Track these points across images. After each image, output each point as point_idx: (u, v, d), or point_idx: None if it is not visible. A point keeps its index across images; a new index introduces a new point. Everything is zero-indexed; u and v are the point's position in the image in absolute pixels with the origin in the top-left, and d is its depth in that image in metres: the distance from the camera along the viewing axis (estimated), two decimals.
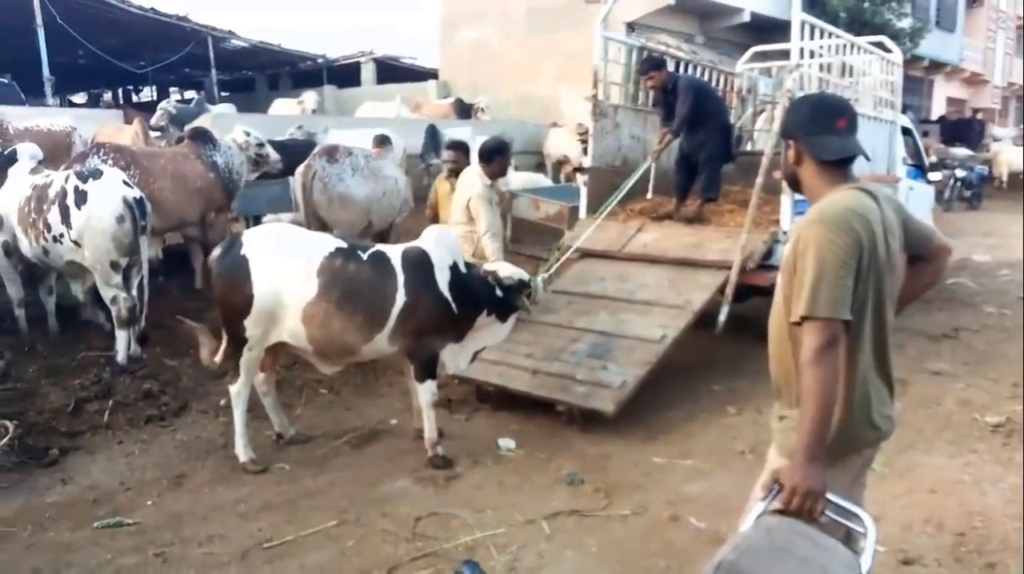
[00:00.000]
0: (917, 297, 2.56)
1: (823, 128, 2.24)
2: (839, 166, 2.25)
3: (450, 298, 4.47)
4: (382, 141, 8.41)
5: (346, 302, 4.29)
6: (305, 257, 4.32)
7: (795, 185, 2.39)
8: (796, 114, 2.36)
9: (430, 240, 4.64)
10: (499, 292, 4.63)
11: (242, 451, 4.53)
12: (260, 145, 7.65)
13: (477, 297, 4.59)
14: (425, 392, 4.56)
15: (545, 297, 5.25)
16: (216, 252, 4.47)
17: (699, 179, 6.75)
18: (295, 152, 8.49)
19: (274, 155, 7.75)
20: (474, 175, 5.80)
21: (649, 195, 7.17)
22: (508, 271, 4.70)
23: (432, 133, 12.21)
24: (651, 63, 6.85)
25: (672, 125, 6.66)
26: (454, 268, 4.55)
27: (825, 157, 2.23)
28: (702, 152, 6.66)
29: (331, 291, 4.27)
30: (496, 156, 5.73)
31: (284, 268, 4.29)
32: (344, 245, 4.47)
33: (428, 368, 4.55)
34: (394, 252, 4.54)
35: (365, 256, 4.42)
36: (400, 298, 4.37)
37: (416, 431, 4.84)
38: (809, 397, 2.04)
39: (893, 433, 2.33)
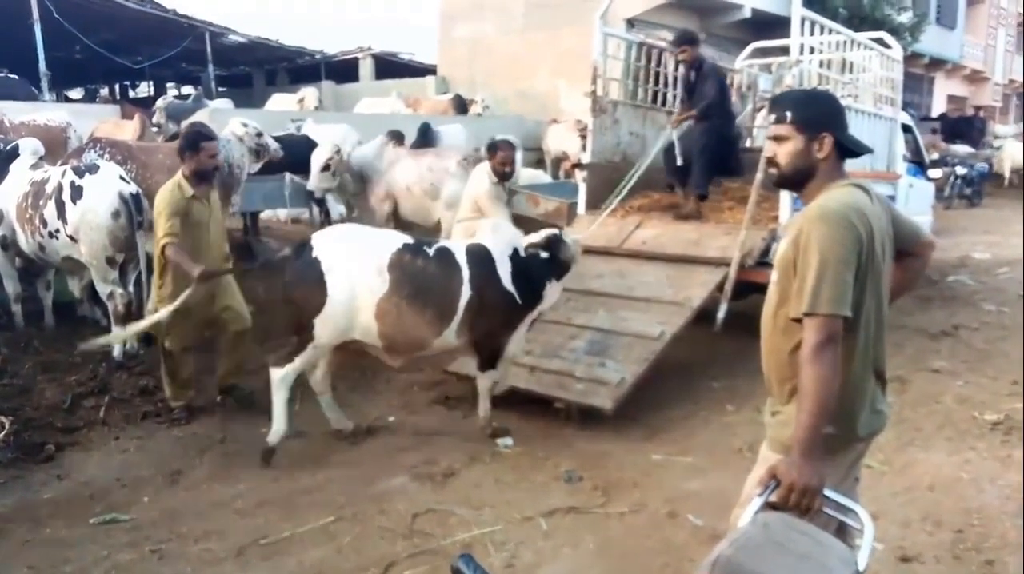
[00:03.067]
0: (905, 292, 2.59)
1: (846, 124, 2.30)
2: (843, 161, 2.29)
3: (514, 290, 4.62)
4: (400, 137, 8.37)
5: (417, 297, 4.39)
6: (375, 254, 4.42)
7: (798, 181, 2.30)
8: (825, 108, 2.31)
9: (488, 234, 4.80)
10: (545, 255, 4.77)
11: (277, 435, 4.54)
12: (259, 135, 7.63)
13: (537, 277, 4.75)
14: (487, 379, 4.81)
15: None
16: (286, 255, 4.56)
17: (691, 174, 6.78)
18: (294, 148, 8.46)
19: (273, 144, 7.73)
20: (482, 173, 5.95)
21: (679, 162, 7.00)
22: (539, 236, 4.86)
23: (424, 131, 11.95)
24: (686, 37, 7.02)
25: (695, 106, 6.69)
26: (514, 257, 4.71)
27: (861, 151, 2.31)
28: (696, 145, 6.66)
29: (402, 287, 4.37)
30: (491, 151, 5.92)
31: (356, 266, 4.37)
32: (411, 241, 4.60)
33: (492, 360, 4.76)
34: (458, 247, 4.67)
35: (431, 252, 4.54)
36: (466, 292, 4.49)
37: None
38: (807, 393, 2.05)
39: (885, 428, 2.35)
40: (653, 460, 4.59)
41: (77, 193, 5.49)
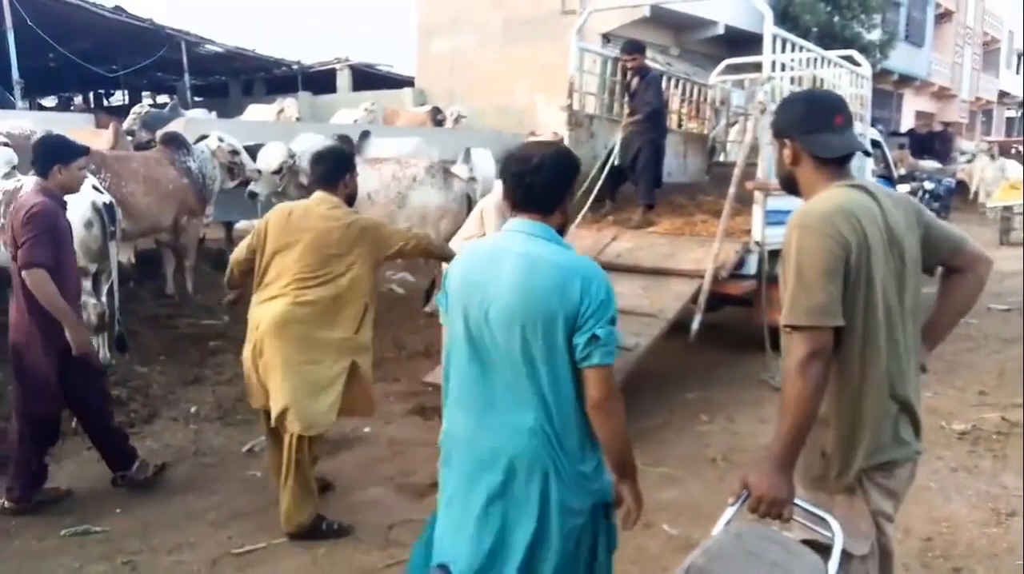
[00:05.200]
0: (958, 315, 2.29)
1: (820, 125, 2.13)
2: (838, 164, 2.14)
3: None
4: (350, 144, 8.31)
5: None
6: None
7: (791, 187, 2.25)
8: (790, 112, 2.22)
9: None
10: None
11: None
12: (234, 153, 7.56)
13: None
14: None
15: None
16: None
17: (637, 187, 7.07)
18: None
19: (250, 164, 7.65)
20: (498, 189, 6.09)
21: (616, 161, 7.09)
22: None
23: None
24: (636, 45, 7.28)
25: (639, 111, 6.91)
26: None
27: (826, 155, 2.12)
28: (641, 158, 6.90)
29: None
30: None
31: None
32: None
33: None
34: None
35: None
36: None
37: None
38: (786, 406, 1.99)
39: (909, 461, 2.15)
40: None
41: None
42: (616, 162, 7.02)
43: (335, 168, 3.88)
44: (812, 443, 2.07)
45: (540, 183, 2.25)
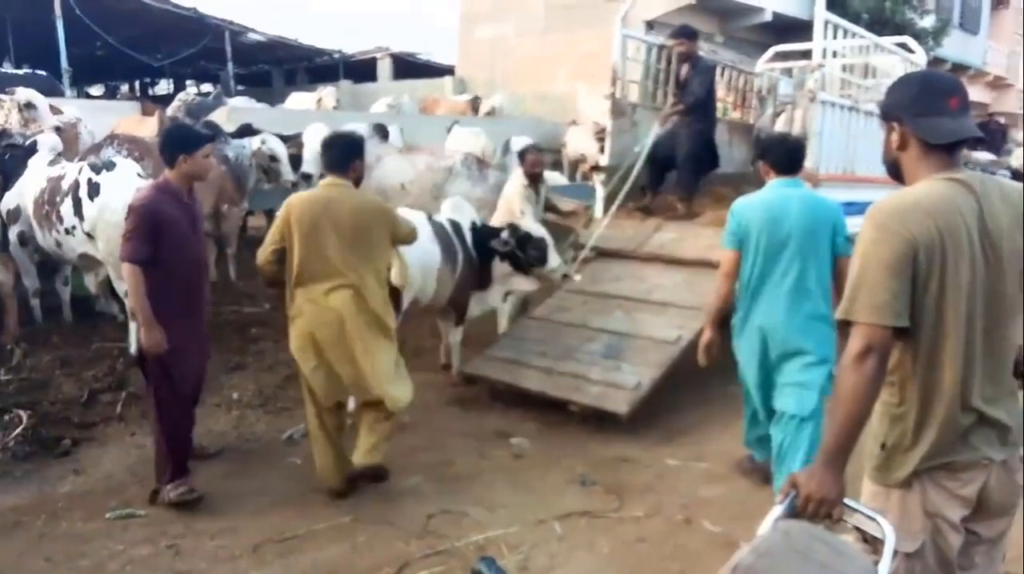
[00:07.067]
0: None
1: (933, 108, 1.98)
2: (947, 152, 1.99)
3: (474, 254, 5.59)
4: (385, 132, 8.32)
5: None
6: None
7: (897, 174, 2.10)
8: (902, 93, 2.06)
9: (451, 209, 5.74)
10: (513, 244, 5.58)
11: None
12: (273, 159, 7.67)
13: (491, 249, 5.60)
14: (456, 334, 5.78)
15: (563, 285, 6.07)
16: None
17: (678, 179, 6.85)
18: None
19: (287, 175, 7.74)
20: (516, 177, 6.35)
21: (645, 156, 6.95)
22: (525, 227, 5.70)
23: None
24: (685, 31, 7.05)
25: (684, 100, 6.69)
26: (474, 228, 5.69)
27: (936, 140, 1.97)
28: (682, 150, 6.67)
29: None
30: (521, 156, 6.45)
31: None
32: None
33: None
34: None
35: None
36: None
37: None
38: (840, 402, 1.96)
39: (976, 465, 2.00)
40: (668, 465, 4.56)
41: (94, 190, 5.49)
42: (647, 152, 6.77)
43: (345, 153, 3.99)
44: (875, 433, 2.05)
45: (799, 155, 4.16)
